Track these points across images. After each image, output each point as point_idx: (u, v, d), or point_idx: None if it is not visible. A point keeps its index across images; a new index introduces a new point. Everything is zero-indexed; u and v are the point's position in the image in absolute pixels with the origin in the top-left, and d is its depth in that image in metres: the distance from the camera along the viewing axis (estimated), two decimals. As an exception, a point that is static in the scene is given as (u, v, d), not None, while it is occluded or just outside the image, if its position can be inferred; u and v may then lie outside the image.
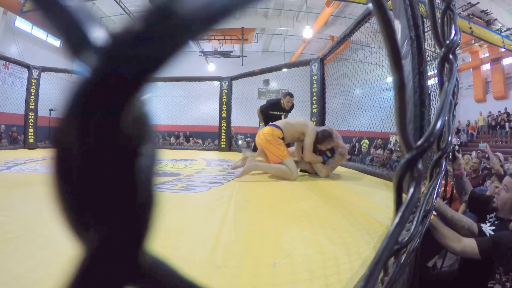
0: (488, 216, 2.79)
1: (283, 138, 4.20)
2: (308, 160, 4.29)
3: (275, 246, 1.62)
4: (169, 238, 1.61)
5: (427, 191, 0.88)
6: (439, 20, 1.41)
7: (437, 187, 1.14)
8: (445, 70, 1.20)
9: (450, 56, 1.15)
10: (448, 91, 0.87)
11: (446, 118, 0.92)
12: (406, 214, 0.47)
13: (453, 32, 1.19)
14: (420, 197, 1.24)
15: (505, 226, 2.32)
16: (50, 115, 14.52)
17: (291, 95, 6.69)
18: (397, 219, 0.46)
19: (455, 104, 1.48)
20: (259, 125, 6.75)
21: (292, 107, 6.79)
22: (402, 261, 0.89)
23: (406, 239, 0.71)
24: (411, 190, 0.50)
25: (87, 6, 0.19)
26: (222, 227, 1.86)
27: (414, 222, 0.91)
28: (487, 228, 2.50)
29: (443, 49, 1.16)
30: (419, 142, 0.53)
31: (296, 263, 1.40)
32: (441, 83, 1.14)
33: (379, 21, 0.36)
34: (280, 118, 6.34)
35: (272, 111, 6.76)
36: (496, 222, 2.60)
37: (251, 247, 1.57)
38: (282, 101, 6.66)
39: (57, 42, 18.48)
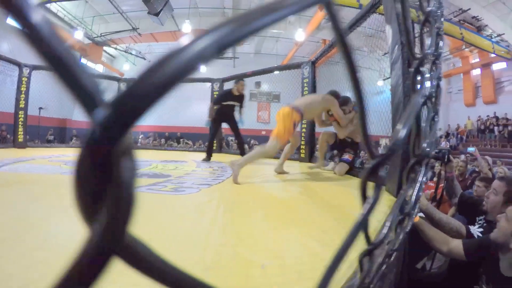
0: (477, 218, 2.83)
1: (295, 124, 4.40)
2: (344, 124, 4.81)
3: (265, 247, 1.62)
4: (159, 239, 1.61)
5: (399, 197, 0.89)
6: (419, 32, 1.43)
7: (414, 192, 1.16)
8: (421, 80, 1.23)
9: (421, 68, 1.17)
10: (415, 103, 0.89)
11: (413, 126, 0.94)
12: (366, 218, 0.49)
13: (428, 45, 1.20)
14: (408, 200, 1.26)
15: (492, 229, 2.34)
16: (39, 113, 14.42)
17: (243, 79, 6.80)
18: (358, 222, 0.48)
19: (435, 112, 1.49)
20: (207, 122, 6.89)
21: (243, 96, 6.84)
22: (380, 261, 0.90)
23: (378, 240, 0.73)
24: (373, 195, 0.52)
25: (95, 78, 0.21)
26: (212, 228, 1.86)
27: (387, 225, 0.93)
28: (475, 230, 2.54)
29: (416, 62, 1.18)
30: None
31: (285, 264, 1.40)
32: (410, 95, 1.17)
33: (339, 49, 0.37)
34: (234, 109, 6.74)
35: (224, 102, 6.72)
36: (484, 225, 2.64)
37: (241, 249, 1.57)
38: (234, 88, 6.64)
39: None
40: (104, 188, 0.18)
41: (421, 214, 3.98)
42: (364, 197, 0.50)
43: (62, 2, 14.83)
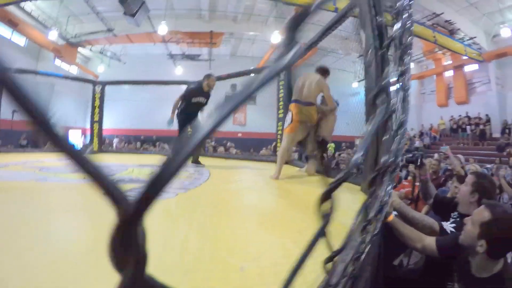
0: (452, 214, 2.89)
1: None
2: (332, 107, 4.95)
3: (243, 250, 1.65)
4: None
5: (361, 207, 0.93)
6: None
7: (376, 203, 1.20)
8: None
9: (379, 96, 1.20)
10: (373, 128, 0.93)
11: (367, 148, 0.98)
12: (324, 230, 0.53)
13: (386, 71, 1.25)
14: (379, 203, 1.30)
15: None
16: (12, 117, 14.11)
17: (213, 75, 6.33)
18: (318, 232, 0.52)
19: (399, 125, 1.52)
20: (169, 121, 6.31)
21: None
22: (346, 264, 0.94)
23: (340, 248, 0.77)
24: (329, 210, 0.56)
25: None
26: (190, 232, 1.88)
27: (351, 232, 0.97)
28: (448, 226, 2.62)
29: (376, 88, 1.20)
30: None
31: (263, 266, 1.43)
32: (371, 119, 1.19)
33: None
34: (202, 107, 6.18)
35: (194, 98, 6.16)
36: (458, 219, 2.70)
37: (219, 252, 1.59)
38: (205, 83, 6.12)
39: (21, 41, 17.93)
40: (129, 249, 0.24)
41: (396, 213, 4.07)
42: (320, 213, 0.54)
43: (36, 1, 14.52)
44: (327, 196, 0.51)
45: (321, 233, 0.52)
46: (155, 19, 17.10)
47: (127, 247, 0.22)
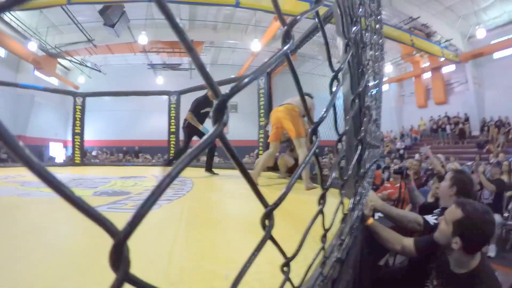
0: (434, 211, 3.01)
1: None
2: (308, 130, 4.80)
3: (227, 259, 1.68)
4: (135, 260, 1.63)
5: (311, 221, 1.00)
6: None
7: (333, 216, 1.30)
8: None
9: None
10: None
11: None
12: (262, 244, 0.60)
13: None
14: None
15: None
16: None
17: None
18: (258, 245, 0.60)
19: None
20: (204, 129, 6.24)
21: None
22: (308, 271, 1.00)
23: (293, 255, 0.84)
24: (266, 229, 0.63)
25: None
26: (175, 244, 1.90)
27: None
28: (431, 218, 2.76)
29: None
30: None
31: (247, 273, 1.46)
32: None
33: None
34: (208, 117, 6.28)
35: (202, 109, 6.29)
36: (439, 212, 2.83)
37: (204, 262, 1.62)
38: (209, 93, 6.37)
39: (1, 52, 17.70)
40: (119, 258, 0.34)
41: (380, 214, 4.21)
42: (264, 227, 0.65)
43: (16, 12, 14.35)
44: (267, 216, 0.59)
45: (264, 242, 0.60)
46: (135, 29, 17.06)
47: (119, 256, 0.33)
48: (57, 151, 22.14)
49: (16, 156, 0.28)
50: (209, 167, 6.69)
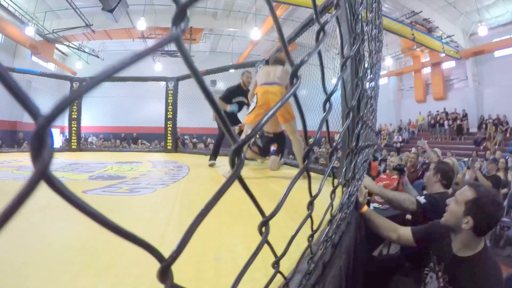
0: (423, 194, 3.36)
1: None
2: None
3: (218, 243, 1.67)
4: (114, 240, 1.60)
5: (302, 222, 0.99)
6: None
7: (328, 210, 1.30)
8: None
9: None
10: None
11: None
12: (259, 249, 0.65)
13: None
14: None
15: (431, 198, 3.03)
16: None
17: (247, 70, 6.21)
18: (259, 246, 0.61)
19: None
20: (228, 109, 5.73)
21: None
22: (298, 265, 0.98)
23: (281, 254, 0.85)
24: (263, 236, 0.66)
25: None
26: (167, 227, 1.89)
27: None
28: (421, 198, 3.05)
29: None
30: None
31: (237, 257, 1.46)
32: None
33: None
34: (244, 105, 5.92)
35: (234, 99, 5.87)
36: (427, 196, 3.14)
37: (195, 245, 1.61)
38: (241, 80, 5.91)
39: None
40: (167, 277, 0.32)
41: (375, 205, 4.27)
42: (261, 233, 0.71)
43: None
44: (264, 224, 0.62)
45: (261, 247, 0.62)
46: (134, 15, 16.96)
47: (165, 278, 0.39)
48: (55, 137, 22.00)
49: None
50: (214, 155, 5.99)
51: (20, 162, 5.91)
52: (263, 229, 0.69)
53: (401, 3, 17.09)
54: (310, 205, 0.93)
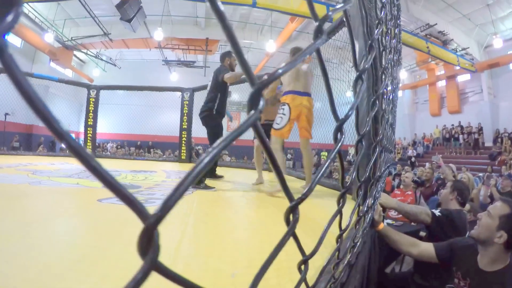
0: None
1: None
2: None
3: (234, 257, 1.67)
4: (129, 253, 1.64)
5: (331, 217, 0.99)
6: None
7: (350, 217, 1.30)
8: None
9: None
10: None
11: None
12: (285, 240, 0.59)
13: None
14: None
15: (449, 213, 3.05)
16: (5, 119, 14.03)
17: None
18: (279, 243, 0.59)
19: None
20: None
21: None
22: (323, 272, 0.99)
23: (310, 254, 0.84)
24: (289, 226, 0.62)
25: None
26: (182, 240, 1.90)
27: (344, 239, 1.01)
28: (436, 212, 3.08)
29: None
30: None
31: (253, 273, 1.45)
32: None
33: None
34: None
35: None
36: (441, 210, 3.18)
37: (211, 259, 1.62)
38: (227, 62, 5.34)
39: (17, 42, 17.88)
40: (149, 243, 0.32)
41: (389, 221, 4.25)
42: (288, 222, 0.62)
43: (34, 3, 14.49)
44: (292, 210, 0.59)
45: (288, 237, 0.59)
46: (151, 25, 17.14)
47: (148, 242, 0.32)
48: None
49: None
50: (212, 173, 5.64)
51: (36, 166, 6.03)
52: (291, 216, 0.64)
53: (416, 16, 17.04)
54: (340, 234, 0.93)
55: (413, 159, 21.40)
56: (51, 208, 2.82)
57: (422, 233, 3.80)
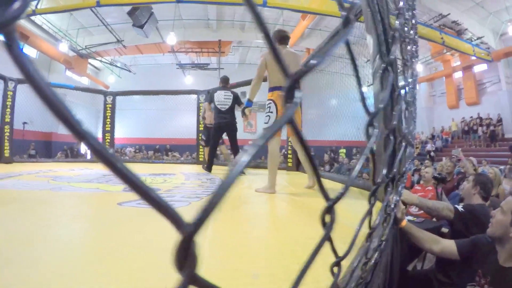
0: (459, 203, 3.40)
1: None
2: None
3: (255, 258, 1.67)
4: (150, 254, 1.64)
5: (363, 217, 0.98)
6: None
7: (379, 215, 1.28)
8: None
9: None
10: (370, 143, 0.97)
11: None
12: (328, 237, 0.59)
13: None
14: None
15: (470, 207, 3.02)
16: (23, 128, 14.24)
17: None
18: (318, 244, 0.58)
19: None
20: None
21: None
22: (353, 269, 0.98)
23: (344, 255, 0.82)
24: (327, 226, 0.61)
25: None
26: (203, 241, 1.90)
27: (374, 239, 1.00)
28: (459, 207, 3.03)
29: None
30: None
31: (275, 273, 1.44)
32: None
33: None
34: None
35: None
36: (464, 205, 3.14)
37: (231, 260, 1.61)
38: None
39: (33, 53, 18.19)
40: (187, 255, 0.32)
41: (410, 218, 4.19)
42: (323, 223, 0.63)
43: (46, 15, 14.75)
44: (328, 210, 0.58)
45: (325, 239, 0.58)
46: (163, 30, 17.28)
47: (186, 254, 0.31)
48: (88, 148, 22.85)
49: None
50: (209, 165, 6.84)
51: (56, 172, 6.13)
52: (327, 217, 0.64)
53: (428, 6, 16.80)
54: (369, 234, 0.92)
55: (432, 153, 21.11)
56: (72, 212, 2.86)
57: (444, 229, 3.72)
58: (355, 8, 0.53)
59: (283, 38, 4.26)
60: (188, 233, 0.32)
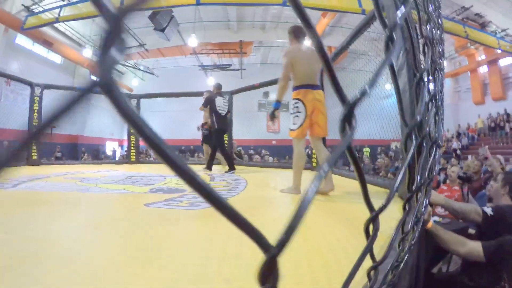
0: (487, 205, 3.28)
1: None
2: None
3: (281, 259, 1.67)
4: (178, 255, 1.68)
5: (398, 222, 0.97)
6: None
7: (412, 217, 1.27)
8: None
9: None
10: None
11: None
12: (369, 248, 0.60)
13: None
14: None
15: (499, 209, 2.79)
16: (51, 131, 14.56)
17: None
18: (363, 252, 0.59)
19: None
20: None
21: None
22: (386, 273, 0.99)
23: (382, 258, 0.82)
24: (371, 236, 0.63)
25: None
26: (228, 242, 1.92)
27: (395, 242, 1.00)
28: (487, 209, 2.83)
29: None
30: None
31: (301, 274, 1.45)
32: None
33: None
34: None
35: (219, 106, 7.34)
36: (492, 207, 2.93)
37: (257, 261, 1.62)
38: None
39: (58, 59, 18.60)
40: (271, 273, 0.35)
41: (436, 219, 4.14)
42: (367, 233, 0.63)
43: (70, 22, 15.04)
44: (372, 220, 0.59)
45: (368, 250, 0.60)
46: (184, 32, 17.42)
47: (270, 271, 0.34)
48: (114, 150, 23.33)
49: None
50: (209, 165, 7.41)
51: (83, 174, 6.27)
52: (370, 226, 0.65)
53: (451, 0, 16.53)
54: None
55: (458, 151, 20.66)
56: (100, 213, 2.93)
57: (471, 231, 3.61)
58: (397, 26, 0.53)
59: (301, 34, 4.18)
60: (272, 255, 0.35)
